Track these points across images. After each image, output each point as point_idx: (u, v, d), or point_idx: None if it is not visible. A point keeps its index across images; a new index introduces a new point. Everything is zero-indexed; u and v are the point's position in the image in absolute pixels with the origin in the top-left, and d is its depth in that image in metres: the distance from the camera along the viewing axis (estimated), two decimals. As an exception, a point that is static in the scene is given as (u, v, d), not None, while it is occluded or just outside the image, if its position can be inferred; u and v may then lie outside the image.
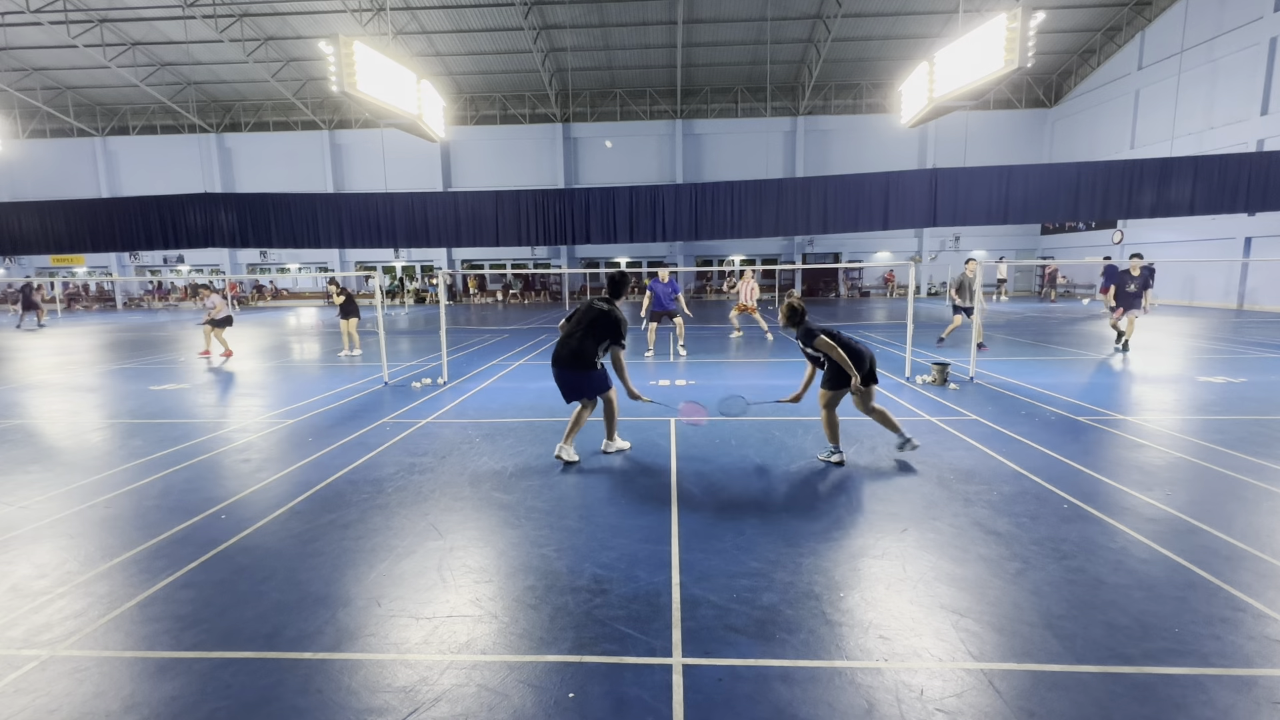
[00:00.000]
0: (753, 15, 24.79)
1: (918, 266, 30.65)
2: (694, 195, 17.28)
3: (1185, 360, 9.93)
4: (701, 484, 4.50)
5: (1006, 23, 11.83)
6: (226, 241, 17.71)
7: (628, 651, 2.55)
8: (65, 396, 8.31)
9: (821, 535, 3.61)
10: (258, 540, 3.67)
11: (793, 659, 2.48)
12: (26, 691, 2.37)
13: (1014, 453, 5.11)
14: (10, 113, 31.02)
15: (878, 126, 30.31)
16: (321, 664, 2.50)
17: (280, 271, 34.83)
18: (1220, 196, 15.83)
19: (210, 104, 32.06)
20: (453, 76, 29.36)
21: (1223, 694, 2.25)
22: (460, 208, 17.78)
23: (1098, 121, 27.50)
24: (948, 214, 16.62)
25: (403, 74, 13.99)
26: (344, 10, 23.50)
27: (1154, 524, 3.70)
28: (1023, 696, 2.25)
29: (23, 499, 4.41)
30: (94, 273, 34.61)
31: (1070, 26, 26.00)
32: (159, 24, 25.03)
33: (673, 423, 6.23)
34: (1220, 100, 21.51)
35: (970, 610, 2.80)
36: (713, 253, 32.79)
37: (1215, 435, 5.55)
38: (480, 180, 31.51)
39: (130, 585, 3.16)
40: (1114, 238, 25.05)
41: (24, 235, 17.59)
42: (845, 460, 4.97)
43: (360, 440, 5.79)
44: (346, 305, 11.79)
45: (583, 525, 3.82)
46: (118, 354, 12.82)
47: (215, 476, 4.87)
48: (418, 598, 2.99)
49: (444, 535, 3.69)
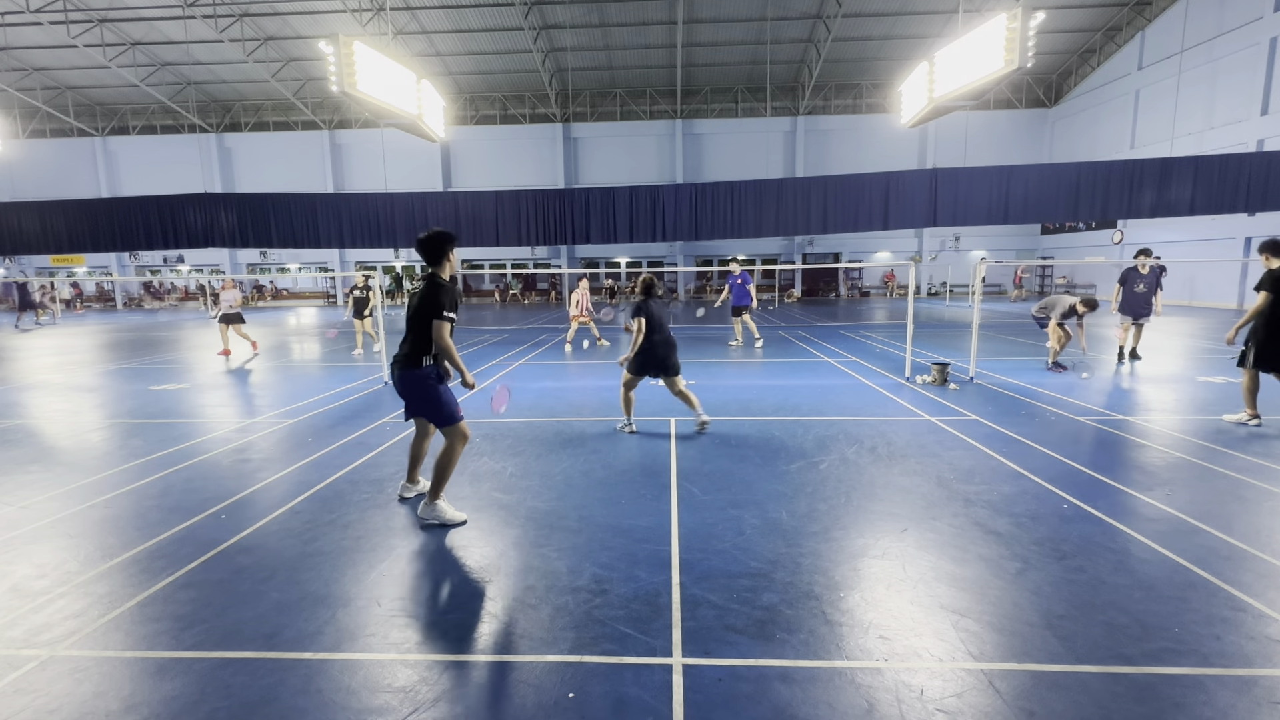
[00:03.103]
0: (753, 15, 24.80)
1: (918, 266, 30.66)
2: (694, 195, 17.27)
3: (1185, 360, 9.93)
4: (701, 484, 4.50)
5: (1006, 23, 11.82)
6: (226, 241, 17.70)
7: (628, 651, 2.55)
8: (65, 396, 8.31)
9: (821, 535, 3.61)
10: (258, 540, 3.67)
11: (793, 659, 2.48)
12: (26, 691, 2.37)
13: (1014, 453, 5.11)
14: (10, 113, 31.02)
15: (878, 126, 30.32)
16: (321, 664, 2.50)
17: (280, 271, 34.83)
18: (1220, 196, 15.81)
19: (210, 104, 32.06)
20: (453, 76, 29.36)
21: (1223, 694, 2.25)
22: (460, 208, 17.76)
23: (1098, 121, 27.51)
24: (948, 214, 16.61)
25: (403, 74, 13.99)
26: (344, 10, 23.51)
27: (1154, 524, 3.70)
28: (1023, 696, 2.25)
29: (23, 499, 4.41)
30: (94, 273, 34.61)
31: (1070, 26, 26.00)
32: (159, 24, 25.04)
33: (673, 422, 6.23)
34: (1220, 100, 21.51)
35: (970, 610, 2.80)
36: (713, 253, 32.78)
37: (1216, 435, 5.55)
38: (480, 180, 31.52)
39: (130, 585, 3.16)
40: (1114, 238, 25.05)
41: (24, 235, 17.57)
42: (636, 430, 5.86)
43: (360, 440, 5.79)
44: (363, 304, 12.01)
45: (583, 525, 3.81)
46: (117, 354, 12.82)
47: (215, 476, 4.87)
48: (418, 598, 2.99)
49: (444, 535, 3.68)
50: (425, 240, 3.90)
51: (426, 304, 3.76)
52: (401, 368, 3.82)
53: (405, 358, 3.81)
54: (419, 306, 3.78)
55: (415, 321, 3.79)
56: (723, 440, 5.62)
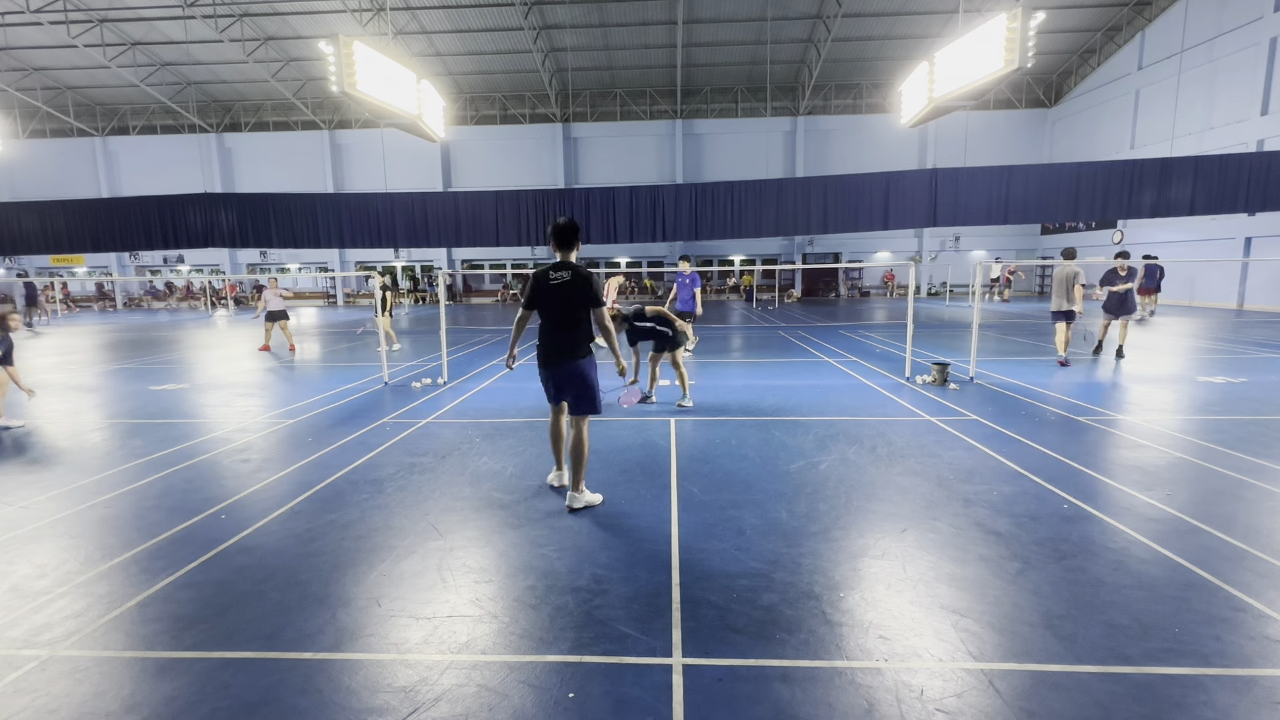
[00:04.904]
0: (753, 15, 24.79)
1: (918, 266, 30.66)
2: (694, 195, 17.27)
3: (1185, 360, 9.93)
4: (701, 484, 4.50)
5: (1006, 23, 11.82)
6: (226, 241, 17.69)
7: (628, 651, 2.55)
8: (65, 396, 8.31)
9: (821, 535, 3.61)
10: (258, 540, 3.67)
11: (793, 659, 2.48)
12: (26, 691, 2.37)
13: (1014, 453, 5.11)
14: (10, 113, 31.01)
15: (878, 126, 30.30)
16: (321, 664, 2.50)
17: (281, 271, 34.82)
18: (1220, 196, 15.81)
19: (210, 104, 32.05)
20: (453, 76, 29.35)
21: (1223, 694, 2.25)
22: (460, 208, 17.76)
23: (1098, 121, 27.50)
24: (948, 214, 16.60)
25: (403, 74, 13.98)
26: (344, 10, 23.50)
27: (1154, 524, 3.70)
28: (1023, 696, 2.25)
29: (23, 499, 4.41)
30: (94, 273, 34.61)
31: (1070, 26, 25.99)
32: (159, 24, 25.02)
33: (672, 422, 6.24)
34: (1220, 100, 21.50)
35: (970, 610, 2.80)
36: (713, 253, 32.78)
37: (1215, 435, 5.55)
38: (480, 180, 31.51)
39: (130, 585, 3.16)
40: (1114, 238, 25.05)
41: (24, 235, 17.57)
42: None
43: (360, 440, 5.79)
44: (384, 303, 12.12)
45: (583, 525, 3.81)
46: (117, 354, 12.82)
47: (215, 476, 4.87)
48: (418, 598, 2.99)
49: (444, 535, 3.69)
50: (563, 228, 3.94)
51: (595, 294, 3.90)
52: (570, 358, 3.96)
53: (573, 348, 3.95)
54: (582, 297, 3.89)
55: (578, 311, 3.92)
56: (723, 440, 5.62)
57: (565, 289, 3.92)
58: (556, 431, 4.43)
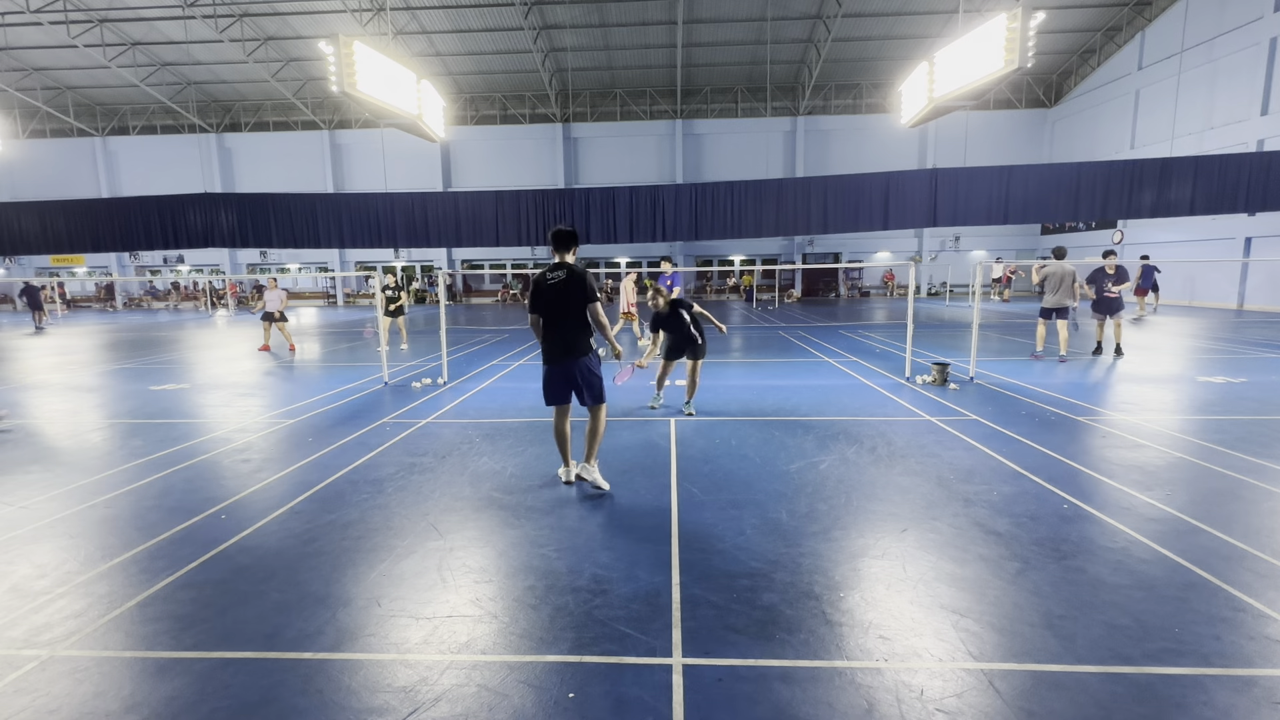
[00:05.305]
0: (753, 15, 24.80)
1: (918, 266, 30.66)
2: (694, 195, 17.27)
3: (1185, 360, 9.93)
4: (701, 484, 4.50)
5: (1006, 23, 11.82)
6: (226, 241, 17.70)
7: (628, 651, 2.54)
8: (65, 396, 8.31)
9: (821, 535, 3.61)
10: (258, 540, 3.67)
11: (793, 659, 2.48)
12: (26, 691, 2.37)
13: (1014, 453, 5.11)
14: (10, 113, 31.02)
15: (878, 126, 30.31)
16: (321, 664, 2.50)
17: (281, 271, 34.82)
18: (1220, 196, 15.81)
19: (210, 104, 32.06)
20: (453, 76, 29.36)
21: (1223, 694, 2.25)
22: (460, 208, 17.77)
23: (1098, 121, 27.50)
24: (948, 214, 16.61)
25: (403, 74, 13.98)
26: (344, 10, 23.50)
27: (1154, 524, 3.70)
28: (1023, 696, 2.25)
29: (23, 499, 4.41)
30: (94, 273, 34.61)
31: (1070, 26, 26.00)
32: (159, 24, 25.03)
33: (673, 422, 6.24)
34: (1220, 100, 21.50)
35: (970, 610, 2.80)
36: (713, 253, 32.79)
37: (1215, 435, 5.55)
38: (480, 180, 31.52)
39: (130, 585, 3.16)
40: (1114, 238, 25.04)
41: (24, 235, 17.57)
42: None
43: (360, 440, 5.79)
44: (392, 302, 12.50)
45: (583, 525, 3.82)
46: (118, 354, 12.82)
47: (215, 476, 4.87)
48: (418, 598, 2.99)
49: (444, 535, 3.68)
50: (563, 232, 4.27)
51: (589, 290, 4.18)
52: (575, 355, 4.25)
53: (576, 345, 4.24)
54: (578, 294, 4.16)
55: (577, 309, 4.19)
56: (723, 440, 5.62)
57: (561, 287, 4.19)
58: (561, 432, 4.56)
